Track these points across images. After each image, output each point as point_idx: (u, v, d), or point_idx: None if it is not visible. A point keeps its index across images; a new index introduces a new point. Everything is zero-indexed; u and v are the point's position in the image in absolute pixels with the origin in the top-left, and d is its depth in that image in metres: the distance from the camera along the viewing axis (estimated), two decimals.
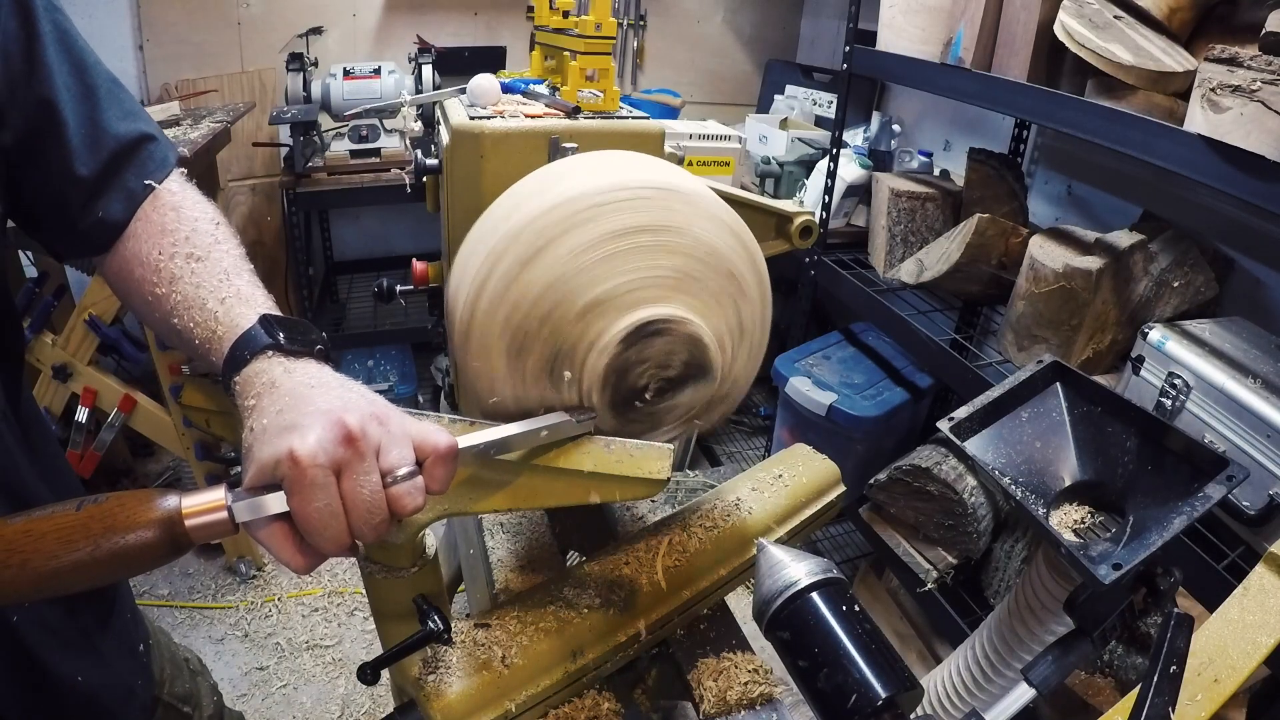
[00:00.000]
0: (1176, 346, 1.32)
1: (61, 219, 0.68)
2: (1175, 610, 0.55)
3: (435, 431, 0.56)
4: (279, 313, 0.62)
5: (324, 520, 0.51)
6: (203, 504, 0.49)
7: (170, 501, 0.48)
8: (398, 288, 1.01)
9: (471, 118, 0.86)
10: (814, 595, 0.58)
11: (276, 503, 0.51)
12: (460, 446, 0.58)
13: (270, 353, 0.58)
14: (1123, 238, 1.57)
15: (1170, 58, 1.35)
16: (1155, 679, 0.52)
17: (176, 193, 0.71)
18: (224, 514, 0.49)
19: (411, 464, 0.54)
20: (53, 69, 0.64)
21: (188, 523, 0.48)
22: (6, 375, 0.71)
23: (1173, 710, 0.51)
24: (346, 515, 0.51)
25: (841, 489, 1.02)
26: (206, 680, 1.08)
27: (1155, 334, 1.36)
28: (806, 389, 2.19)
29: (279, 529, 0.52)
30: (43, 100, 0.63)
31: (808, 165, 2.49)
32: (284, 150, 2.73)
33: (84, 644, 0.79)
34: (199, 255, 0.66)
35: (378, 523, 0.52)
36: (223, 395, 0.68)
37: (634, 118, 0.94)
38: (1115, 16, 1.41)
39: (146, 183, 0.69)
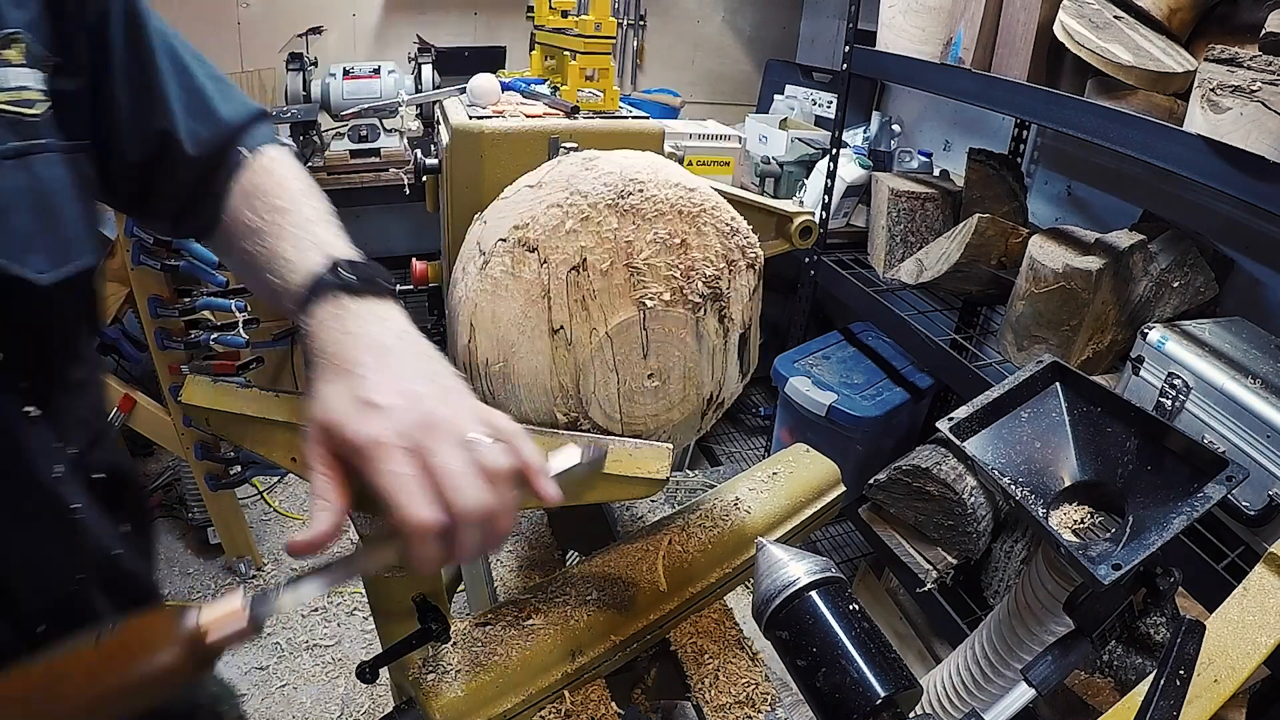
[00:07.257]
0: (1176, 346, 1.32)
1: (175, 206, 0.71)
2: (1188, 617, 0.55)
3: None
4: (357, 258, 0.63)
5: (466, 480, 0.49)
6: (221, 615, 0.48)
7: (188, 620, 0.47)
8: (397, 287, 1.00)
9: (471, 117, 0.86)
10: (813, 594, 0.57)
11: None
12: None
13: (339, 295, 0.58)
14: (1122, 238, 1.57)
15: (1170, 58, 1.35)
16: (1162, 683, 0.52)
17: (275, 158, 0.72)
18: (244, 623, 0.48)
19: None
20: (170, 100, 0.66)
21: (209, 638, 0.47)
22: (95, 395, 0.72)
23: (1177, 715, 0.50)
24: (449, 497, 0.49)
25: (841, 489, 1.02)
26: (224, 682, 1.08)
27: (1155, 334, 1.36)
28: (806, 389, 2.19)
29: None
30: (160, 131, 0.65)
31: (807, 165, 2.49)
32: None
33: None
34: (284, 208, 0.67)
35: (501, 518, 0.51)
36: (223, 395, 0.67)
37: (634, 117, 0.94)
38: (1115, 16, 1.41)
39: (240, 149, 0.70)
